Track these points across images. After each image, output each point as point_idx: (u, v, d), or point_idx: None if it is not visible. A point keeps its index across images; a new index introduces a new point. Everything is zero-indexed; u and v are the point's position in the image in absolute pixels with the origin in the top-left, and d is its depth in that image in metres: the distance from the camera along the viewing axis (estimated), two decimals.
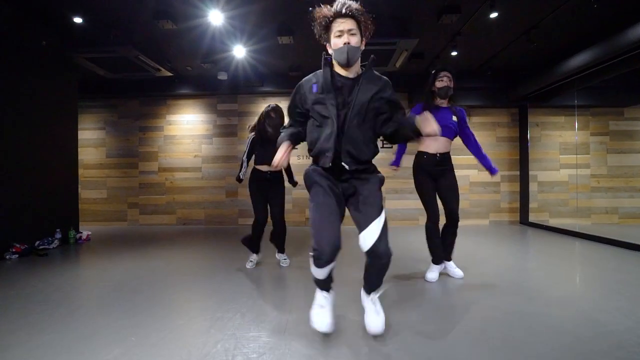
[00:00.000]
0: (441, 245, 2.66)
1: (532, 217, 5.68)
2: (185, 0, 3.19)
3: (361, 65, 1.64)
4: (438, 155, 2.61)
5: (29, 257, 3.59)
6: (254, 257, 3.08)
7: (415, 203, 5.73)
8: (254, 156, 3.00)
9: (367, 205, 1.54)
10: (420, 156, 2.68)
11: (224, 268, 3.05)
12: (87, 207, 5.86)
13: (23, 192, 3.75)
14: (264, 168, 2.92)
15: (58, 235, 4.16)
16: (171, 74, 4.87)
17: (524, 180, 5.75)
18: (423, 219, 5.64)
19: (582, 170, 5.77)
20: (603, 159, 5.76)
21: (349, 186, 1.61)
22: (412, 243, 4.16)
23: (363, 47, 1.60)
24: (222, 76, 5.06)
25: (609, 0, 3.09)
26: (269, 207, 3.00)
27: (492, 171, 2.69)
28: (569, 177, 5.76)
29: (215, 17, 3.34)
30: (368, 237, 1.49)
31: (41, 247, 3.86)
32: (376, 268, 1.57)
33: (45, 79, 4.04)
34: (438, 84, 2.62)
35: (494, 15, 3.24)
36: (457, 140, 2.83)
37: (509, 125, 5.89)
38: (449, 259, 2.74)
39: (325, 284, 1.67)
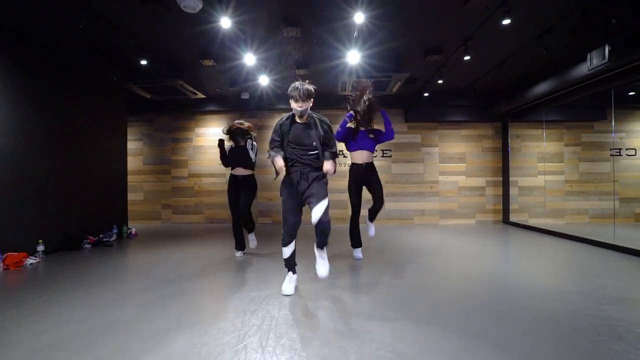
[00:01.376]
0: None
1: (513, 217, 6.53)
2: (226, 47, 4.12)
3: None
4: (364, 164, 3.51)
5: (99, 247, 4.53)
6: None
7: (409, 205, 6.63)
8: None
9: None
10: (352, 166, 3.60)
11: (248, 261, 3.96)
12: (129, 208, 6.82)
13: (89, 195, 4.71)
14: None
15: (115, 230, 5.11)
16: (205, 97, 5.81)
17: (505, 185, 6.61)
18: (418, 219, 6.52)
19: (557, 176, 6.61)
20: (575, 167, 6.61)
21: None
22: (407, 237, 5.03)
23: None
24: (245, 96, 6.00)
25: (554, 49, 3.97)
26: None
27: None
28: (546, 182, 6.61)
29: (249, 59, 4.27)
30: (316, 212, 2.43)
31: (105, 239, 4.81)
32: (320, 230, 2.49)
33: (107, 103, 5.02)
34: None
35: (467, 58, 4.13)
36: (452, 149, 3.68)
37: (493, 137, 6.75)
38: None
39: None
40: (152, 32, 3.88)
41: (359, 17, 3.35)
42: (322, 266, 2.48)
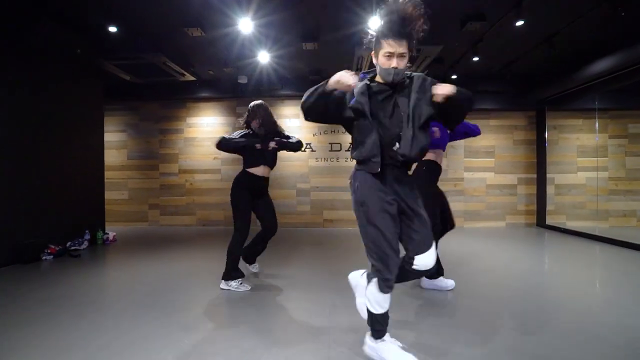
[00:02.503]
0: None
1: (549, 220, 5.70)
2: (216, 9, 3.27)
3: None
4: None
5: (63, 258, 3.71)
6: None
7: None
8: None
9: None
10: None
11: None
12: (109, 208, 5.98)
13: (55, 195, 3.88)
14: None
15: (87, 236, 4.29)
16: (194, 79, 4.97)
17: (540, 183, 5.76)
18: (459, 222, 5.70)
19: (601, 173, 5.76)
20: (622, 162, 5.75)
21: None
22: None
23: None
24: (243, 80, 5.15)
25: (633, 10, 3.11)
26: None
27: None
28: (587, 179, 5.76)
29: (245, 25, 3.42)
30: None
31: (72, 247, 3.99)
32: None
33: (75, 85, 4.17)
34: None
35: (519, 23, 3.27)
36: (479, 141, 2.83)
37: (526, 128, 5.90)
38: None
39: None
40: None
41: None
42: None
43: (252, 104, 2.77)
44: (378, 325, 1.50)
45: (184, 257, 3.75)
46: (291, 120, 5.90)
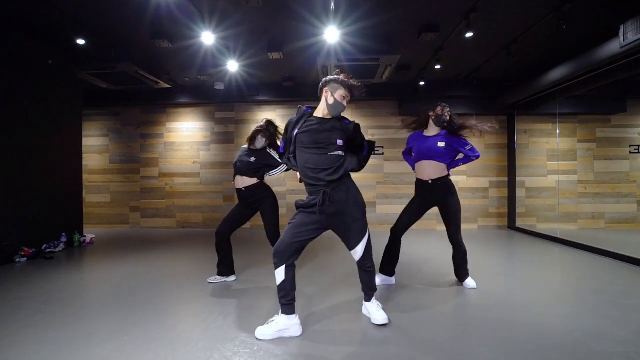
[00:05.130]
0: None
1: (520, 222, 5.84)
2: (179, 22, 3.42)
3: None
4: (430, 180, 2.70)
5: (37, 260, 3.86)
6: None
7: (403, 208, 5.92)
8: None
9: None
10: (417, 181, 2.84)
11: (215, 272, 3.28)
12: (92, 211, 6.15)
13: (31, 198, 4.02)
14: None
15: (63, 239, 4.42)
16: (169, 86, 5.12)
17: (511, 186, 5.91)
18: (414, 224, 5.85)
19: (570, 176, 5.91)
20: (590, 165, 5.90)
21: None
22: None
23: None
24: (219, 86, 5.30)
25: (577, 22, 3.26)
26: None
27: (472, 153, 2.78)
28: (557, 183, 5.90)
29: (207, 38, 3.57)
30: None
31: (48, 250, 4.14)
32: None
33: (52, 93, 4.32)
34: (438, 110, 2.75)
35: (469, 34, 3.42)
36: None
37: (497, 132, 6.04)
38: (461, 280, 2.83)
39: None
40: (90, 4, 3.18)
41: None
42: (376, 314, 2.12)
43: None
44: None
45: (160, 258, 3.91)
46: None
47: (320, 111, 2.06)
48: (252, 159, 2.87)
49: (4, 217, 3.69)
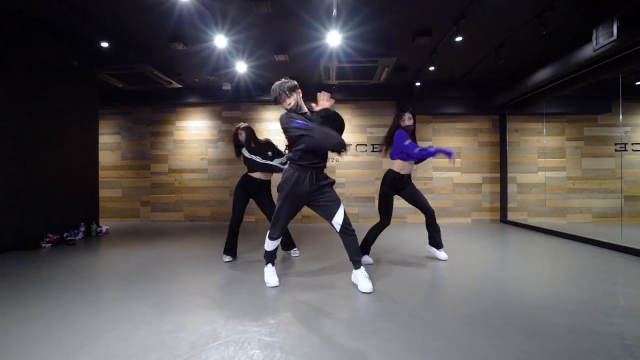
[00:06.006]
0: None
1: (512, 216, 6.14)
2: (195, 27, 3.75)
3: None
4: (406, 176, 3.15)
5: (60, 246, 4.16)
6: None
7: (401, 202, 6.23)
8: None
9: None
10: (393, 174, 3.15)
11: (221, 262, 3.56)
12: (105, 205, 6.46)
13: (53, 191, 4.33)
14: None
15: (82, 228, 4.73)
16: (180, 86, 5.44)
17: (503, 182, 6.22)
18: (411, 217, 6.13)
19: (559, 173, 6.22)
20: (578, 162, 6.21)
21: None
22: (400, 238, 4.66)
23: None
24: (227, 87, 5.63)
25: (556, 28, 3.59)
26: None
27: (447, 153, 2.92)
28: (546, 179, 6.22)
29: (220, 41, 3.90)
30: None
31: (69, 238, 4.45)
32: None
33: (72, 92, 4.64)
34: (402, 123, 3.09)
35: (459, 39, 3.74)
36: (446, 143, 3.26)
37: (490, 131, 6.37)
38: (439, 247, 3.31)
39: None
40: (112, 10, 3.51)
41: None
42: (363, 283, 2.41)
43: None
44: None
45: (170, 245, 4.20)
46: (272, 123, 6.37)
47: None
48: (269, 153, 3.25)
49: (30, 208, 4.00)
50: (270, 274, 2.55)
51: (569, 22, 3.57)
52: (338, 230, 2.41)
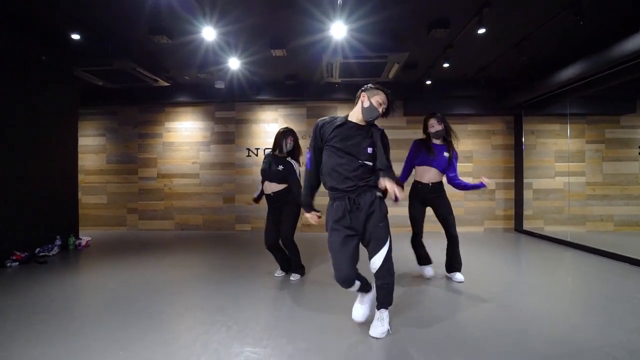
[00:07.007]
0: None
1: (527, 225, 5.71)
2: (179, 17, 3.27)
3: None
4: (430, 184, 3.02)
5: (30, 264, 3.69)
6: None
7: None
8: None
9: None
10: (415, 184, 3.13)
11: (217, 278, 3.13)
12: (88, 212, 5.98)
13: (24, 200, 3.86)
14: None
15: (58, 242, 4.26)
16: (168, 84, 4.96)
17: (518, 187, 5.78)
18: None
19: (578, 178, 5.78)
20: (599, 167, 5.77)
21: None
22: (406, 247, 4.21)
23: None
24: (220, 85, 5.14)
25: (594, 18, 3.13)
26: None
27: (481, 186, 3.03)
28: (564, 184, 5.78)
29: (208, 33, 3.42)
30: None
31: (41, 254, 3.97)
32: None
33: (46, 90, 4.15)
34: (430, 130, 3.04)
35: (482, 31, 3.28)
36: (457, 146, 3.24)
37: (504, 133, 5.92)
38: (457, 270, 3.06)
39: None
40: None
41: None
42: (375, 328, 1.99)
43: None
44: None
45: (158, 262, 3.75)
46: (270, 125, 5.90)
47: (354, 116, 2.02)
48: (280, 167, 2.95)
49: None
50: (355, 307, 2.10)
51: (609, 11, 3.11)
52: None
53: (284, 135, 3.00)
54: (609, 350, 1.77)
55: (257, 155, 5.91)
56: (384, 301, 1.99)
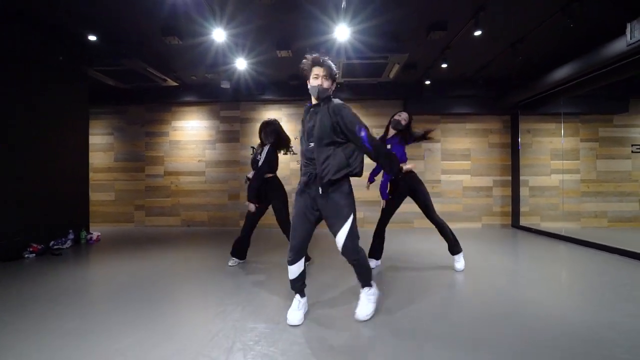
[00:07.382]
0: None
1: (524, 221, 5.87)
2: (190, 19, 3.45)
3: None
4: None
5: (45, 256, 3.85)
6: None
7: (409, 207, 5.95)
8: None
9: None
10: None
11: (226, 268, 3.29)
12: (97, 209, 6.14)
13: (39, 196, 4.02)
14: None
15: (71, 236, 4.42)
16: (176, 84, 5.14)
17: (515, 185, 5.95)
18: (418, 222, 5.86)
19: (573, 176, 5.96)
20: (593, 165, 5.95)
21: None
22: (405, 243, 4.37)
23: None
24: (225, 85, 5.31)
25: (584, 20, 3.30)
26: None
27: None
28: (560, 182, 5.95)
29: (218, 35, 3.60)
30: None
31: (55, 247, 4.13)
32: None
33: (60, 90, 4.32)
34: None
35: (478, 33, 3.46)
36: (455, 145, 3.21)
37: (501, 131, 6.09)
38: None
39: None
40: (100, 1, 3.20)
41: None
42: (361, 307, 2.05)
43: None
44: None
45: (165, 255, 3.90)
46: None
47: (313, 99, 2.01)
48: (258, 157, 3.16)
49: (13, 214, 3.69)
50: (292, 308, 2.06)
51: (598, 14, 3.29)
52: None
53: (260, 128, 3.26)
54: (600, 331, 1.93)
55: None
56: (364, 280, 2.08)
